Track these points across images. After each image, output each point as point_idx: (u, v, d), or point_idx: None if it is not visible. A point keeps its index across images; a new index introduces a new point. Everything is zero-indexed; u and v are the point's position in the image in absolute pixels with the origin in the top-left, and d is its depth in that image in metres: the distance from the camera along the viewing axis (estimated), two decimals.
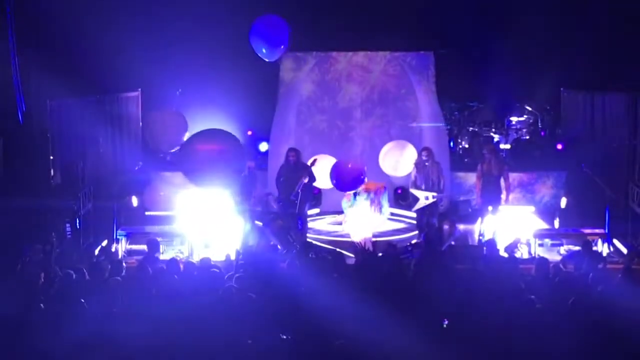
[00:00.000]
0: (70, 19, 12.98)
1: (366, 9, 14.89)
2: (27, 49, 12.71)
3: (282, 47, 11.92)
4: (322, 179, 13.14)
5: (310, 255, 10.33)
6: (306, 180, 12.46)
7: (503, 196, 12.69)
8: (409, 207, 13.61)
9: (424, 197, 12.64)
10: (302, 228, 12.55)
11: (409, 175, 13.36)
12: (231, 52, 15.01)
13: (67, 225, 12.09)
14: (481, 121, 17.12)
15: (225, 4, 14.83)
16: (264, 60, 11.91)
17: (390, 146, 14.25)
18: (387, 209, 14.10)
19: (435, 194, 12.69)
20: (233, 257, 10.79)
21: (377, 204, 13.81)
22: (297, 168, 12.57)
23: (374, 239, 12.58)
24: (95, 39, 13.37)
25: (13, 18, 12.46)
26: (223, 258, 10.99)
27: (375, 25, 15.28)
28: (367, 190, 13.64)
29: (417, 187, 12.83)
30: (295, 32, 15.23)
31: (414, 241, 12.52)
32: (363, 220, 12.59)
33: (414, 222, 13.46)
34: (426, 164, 12.81)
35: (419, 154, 13.12)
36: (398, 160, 13.99)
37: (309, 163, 12.76)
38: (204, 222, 12.71)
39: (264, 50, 11.84)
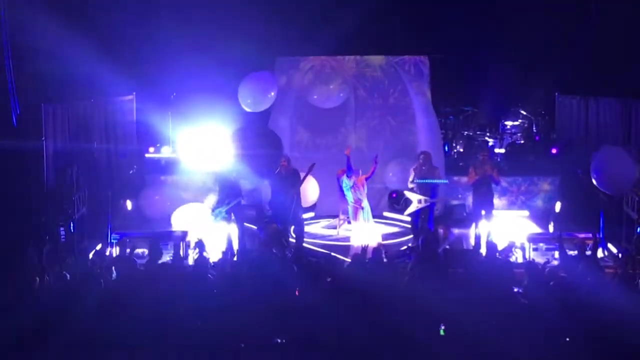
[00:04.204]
0: (64, 21, 12.98)
1: (361, 13, 14.90)
2: (21, 52, 12.70)
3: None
4: (312, 191, 13.19)
5: (304, 259, 10.31)
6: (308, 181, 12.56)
7: (495, 200, 12.70)
8: (403, 211, 13.58)
9: (417, 200, 12.61)
10: (298, 233, 12.57)
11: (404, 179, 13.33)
12: (225, 55, 15.02)
13: (61, 229, 12.05)
14: (476, 125, 17.15)
15: (220, 6, 14.86)
16: (259, 63, 11.99)
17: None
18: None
19: (428, 198, 12.65)
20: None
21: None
22: (288, 174, 12.60)
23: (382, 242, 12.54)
24: (89, 42, 13.35)
25: (7, 22, 12.45)
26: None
27: (370, 29, 15.30)
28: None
29: (413, 191, 12.81)
30: (290, 36, 15.34)
31: (410, 244, 12.51)
32: (369, 228, 12.54)
33: (408, 226, 13.46)
34: (423, 167, 12.78)
35: (417, 159, 13.07)
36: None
37: (300, 174, 12.71)
38: (198, 226, 12.70)
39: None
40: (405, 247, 12.58)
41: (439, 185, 12.97)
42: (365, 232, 12.42)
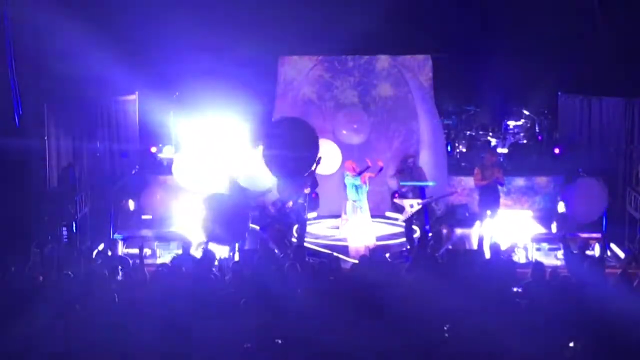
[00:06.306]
0: (67, 22, 12.99)
1: (363, 13, 14.90)
2: (24, 51, 12.71)
3: None
4: (327, 166, 13.13)
5: (306, 260, 10.32)
6: (307, 191, 12.51)
7: (501, 200, 12.69)
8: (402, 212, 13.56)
9: (409, 205, 12.57)
10: (300, 233, 12.56)
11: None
12: (228, 54, 15.02)
13: (64, 228, 12.06)
14: (478, 125, 17.14)
15: (223, 5, 14.86)
16: (262, 62, 11.89)
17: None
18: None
19: (420, 200, 12.60)
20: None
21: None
22: None
23: (376, 243, 12.54)
24: (92, 41, 13.36)
25: (10, 21, 12.46)
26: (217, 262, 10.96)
27: (372, 28, 15.28)
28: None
29: (404, 195, 12.79)
30: (293, 36, 15.35)
31: (408, 247, 12.50)
32: (364, 227, 12.55)
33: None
34: (409, 169, 12.78)
35: (405, 161, 13.08)
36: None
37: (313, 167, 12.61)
38: (200, 225, 12.68)
39: None
40: (404, 249, 12.58)
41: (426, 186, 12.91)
42: (362, 230, 12.42)
